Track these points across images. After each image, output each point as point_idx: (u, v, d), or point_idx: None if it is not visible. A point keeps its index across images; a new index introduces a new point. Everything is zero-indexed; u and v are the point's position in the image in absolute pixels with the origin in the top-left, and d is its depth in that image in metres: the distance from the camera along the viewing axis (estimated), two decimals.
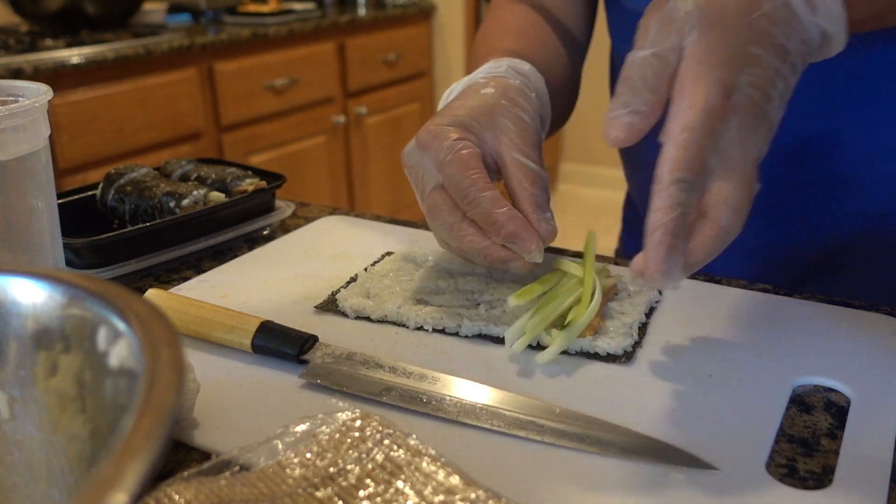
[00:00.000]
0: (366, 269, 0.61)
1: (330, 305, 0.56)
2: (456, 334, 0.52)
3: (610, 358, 0.49)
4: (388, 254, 0.64)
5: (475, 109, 0.55)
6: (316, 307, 0.56)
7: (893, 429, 0.42)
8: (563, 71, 0.72)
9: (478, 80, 0.59)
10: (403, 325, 0.53)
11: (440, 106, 0.63)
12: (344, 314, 0.55)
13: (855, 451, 0.40)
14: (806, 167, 0.66)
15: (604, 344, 0.49)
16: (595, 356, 0.49)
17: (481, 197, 0.50)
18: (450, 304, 0.55)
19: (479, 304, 0.55)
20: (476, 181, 0.51)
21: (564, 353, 0.49)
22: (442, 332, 0.52)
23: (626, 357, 0.49)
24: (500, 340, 0.51)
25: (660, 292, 0.57)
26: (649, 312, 0.54)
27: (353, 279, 0.60)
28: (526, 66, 0.61)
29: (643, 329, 0.52)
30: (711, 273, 0.61)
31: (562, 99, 0.71)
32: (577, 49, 0.78)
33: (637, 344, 0.50)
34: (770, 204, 0.66)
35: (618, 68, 0.79)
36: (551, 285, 0.53)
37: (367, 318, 0.54)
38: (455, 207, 0.52)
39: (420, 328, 0.53)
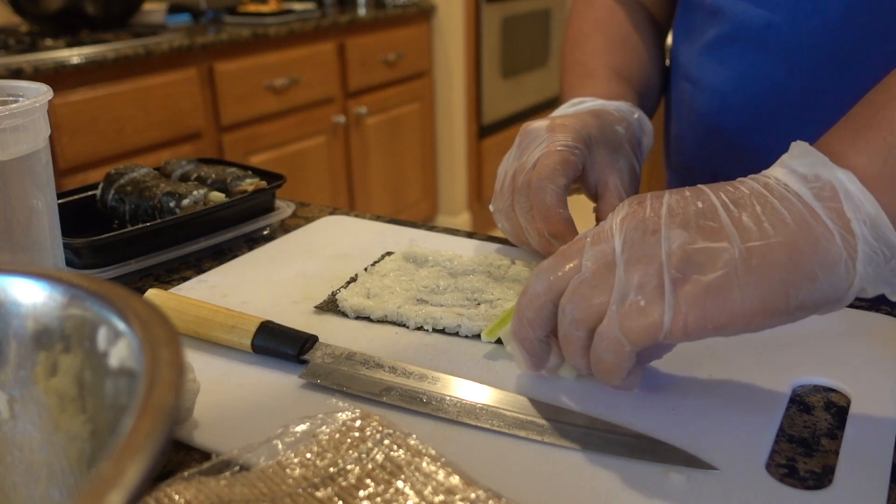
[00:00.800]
0: (366, 269, 0.61)
1: (330, 305, 0.56)
2: (456, 334, 0.52)
3: None
4: (388, 254, 0.64)
5: (605, 139, 0.61)
6: (316, 307, 0.56)
7: (893, 429, 0.42)
8: (658, 75, 0.79)
9: (611, 112, 0.64)
10: (403, 325, 0.53)
11: (565, 107, 0.68)
12: (344, 314, 0.55)
13: (855, 451, 0.40)
14: None
15: None
16: None
17: (551, 188, 0.55)
18: (450, 304, 0.55)
19: (479, 304, 0.55)
20: (555, 178, 0.55)
21: None
22: (442, 332, 0.52)
23: None
24: (500, 340, 0.51)
25: None
26: None
27: (353, 279, 0.60)
28: (649, 127, 0.68)
29: None
30: None
31: (653, 101, 0.79)
32: (663, 37, 0.83)
33: None
34: None
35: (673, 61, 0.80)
36: None
37: (367, 318, 0.54)
38: None
39: (420, 328, 0.53)
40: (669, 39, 0.83)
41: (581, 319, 0.40)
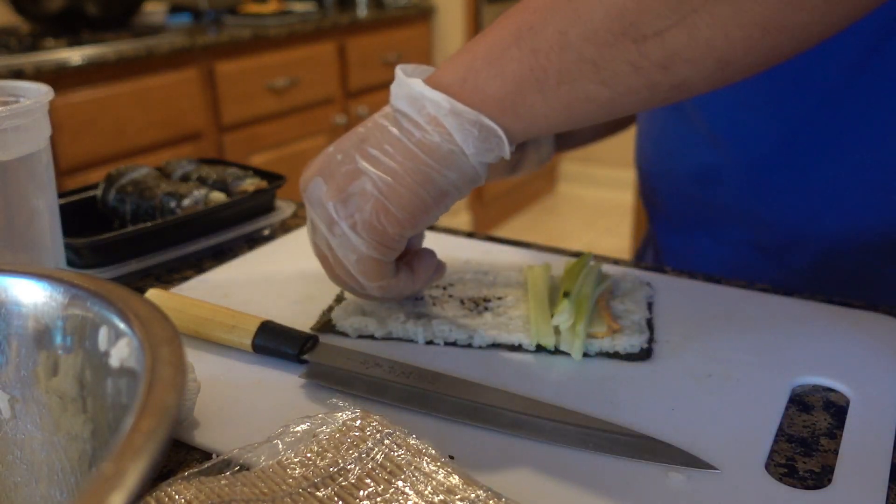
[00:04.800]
0: None
1: (326, 326, 0.53)
2: (469, 346, 0.51)
3: (617, 356, 0.49)
4: None
5: None
6: (312, 329, 0.53)
7: (893, 428, 0.42)
8: None
9: None
10: (409, 341, 0.52)
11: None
12: (344, 334, 0.53)
13: (854, 451, 0.40)
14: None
15: (623, 342, 0.49)
16: (601, 355, 0.49)
17: None
18: (451, 314, 0.53)
19: (482, 313, 0.53)
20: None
21: (564, 353, 0.49)
22: (454, 344, 0.51)
23: (645, 354, 0.49)
24: (514, 348, 0.50)
25: (648, 284, 0.57)
26: (649, 309, 0.54)
27: (341, 297, 0.57)
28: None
29: (649, 324, 0.52)
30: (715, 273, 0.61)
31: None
32: None
33: (651, 340, 0.50)
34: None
35: None
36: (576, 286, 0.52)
37: (371, 337, 0.52)
38: None
39: (430, 342, 0.51)
40: None
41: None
